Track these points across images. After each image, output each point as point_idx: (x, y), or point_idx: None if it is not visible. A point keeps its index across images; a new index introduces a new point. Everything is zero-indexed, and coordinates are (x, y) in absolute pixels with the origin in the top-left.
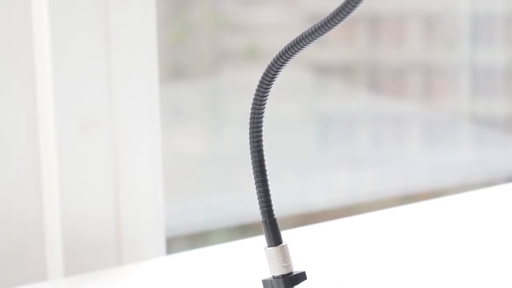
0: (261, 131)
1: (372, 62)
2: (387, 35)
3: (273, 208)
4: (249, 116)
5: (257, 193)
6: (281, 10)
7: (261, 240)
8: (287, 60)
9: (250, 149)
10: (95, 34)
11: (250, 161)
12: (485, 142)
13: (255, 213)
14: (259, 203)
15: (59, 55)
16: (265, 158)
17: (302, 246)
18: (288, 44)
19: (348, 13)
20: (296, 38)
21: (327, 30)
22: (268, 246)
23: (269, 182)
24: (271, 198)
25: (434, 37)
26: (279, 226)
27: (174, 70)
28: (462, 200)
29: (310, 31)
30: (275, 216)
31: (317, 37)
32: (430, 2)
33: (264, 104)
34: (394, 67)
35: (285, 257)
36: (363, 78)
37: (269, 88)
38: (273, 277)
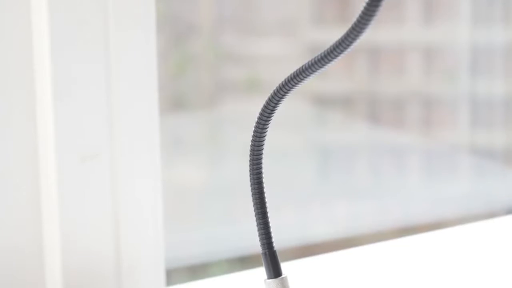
0: (261, 163)
1: (372, 93)
2: (386, 66)
3: (273, 240)
4: (249, 148)
5: (257, 225)
6: (281, 41)
7: (261, 272)
8: (287, 92)
9: (250, 180)
10: (95, 67)
11: (250, 193)
12: (484, 174)
13: (255, 245)
14: (259, 235)
15: (59, 87)
16: (265, 190)
17: (302, 278)
18: (288, 76)
19: (349, 45)
20: (297, 70)
21: (328, 62)
22: (268, 278)
23: (269, 214)
24: (271, 230)
25: (433, 69)
26: (279, 258)
27: (175, 101)
28: (462, 232)
29: (310, 63)
30: (275, 248)
31: (317, 69)
32: (429, 33)
33: (264, 136)
34: (393, 98)
35: None
36: (362, 109)
37: (269, 120)
38: None
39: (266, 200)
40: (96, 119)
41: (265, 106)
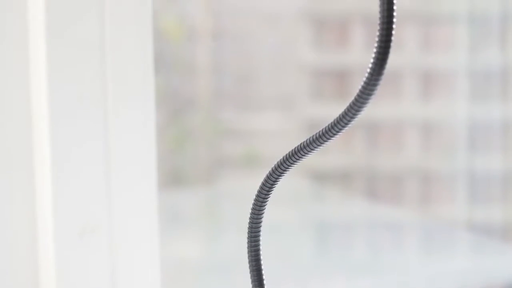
0: (259, 239)
1: (370, 168)
2: (384, 142)
3: None
4: (248, 225)
5: None
6: (279, 116)
7: None
8: (286, 170)
9: (248, 257)
10: (94, 144)
11: (248, 269)
12: (482, 250)
13: None
14: None
15: (58, 162)
16: (262, 266)
17: None
18: (287, 154)
19: (348, 122)
20: (295, 148)
21: (327, 140)
22: None
23: None
24: None
25: (431, 144)
26: None
27: (173, 176)
28: None
29: (309, 140)
30: None
31: (316, 147)
32: (427, 109)
33: (263, 212)
34: (391, 174)
35: None
36: (360, 185)
37: (268, 196)
38: None
39: (264, 277)
40: (94, 194)
41: (263, 183)
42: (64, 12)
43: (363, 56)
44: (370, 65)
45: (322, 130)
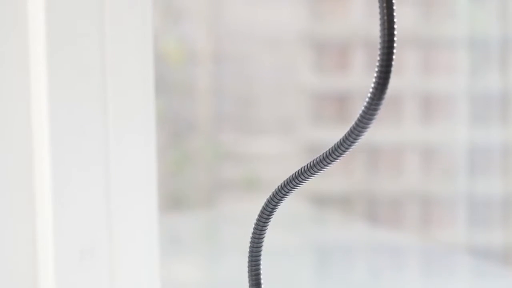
0: (259, 263)
1: (370, 192)
2: (385, 165)
3: None
4: (248, 249)
5: None
6: (279, 140)
7: None
8: (287, 194)
9: (249, 281)
10: (95, 166)
11: None
12: (482, 274)
13: None
14: None
15: (59, 185)
16: None
17: None
18: (287, 178)
19: (349, 146)
20: (296, 172)
21: (328, 164)
22: None
23: None
24: None
25: (431, 168)
26: None
27: (173, 199)
28: None
29: (310, 165)
30: None
31: (317, 171)
32: (427, 133)
33: (263, 236)
34: (391, 198)
35: None
36: (360, 209)
37: (269, 220)
38: None
39: None
40: (94, 216)
41: (264, 207)
42: (65, 36)
43: (363, 80)
44: (370, 90)
45: (323, 154)
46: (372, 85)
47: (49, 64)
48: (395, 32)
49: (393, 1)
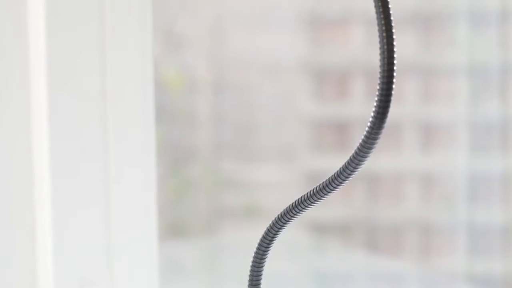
0: None
1: (370, 220)
2: (384, 193)
3: None
4: (248, 277)
5: None
6: (279, 168)
7: None
8: (287, 222)
9: None
10: (95, 195)
11: None
12: None
13: None
14: None
15: (60, 215)
16: None
17: None
18: (288, 207)
19: (350, 175)
20: (296, 201)
21: (328, 193)
22: None
23: None
24: None
25: (431, 196)
26: None
27: (173, 227)
28: None
29: (310, 193)
30: None
31: (317, 200)
32: (427, 161)
33: (263, 264)
34: (391, 226)
35: None
36: (360, 237)
37: (269, 249)
38: None
39: None
40: (94, 245)
41: (264, 235)
42: (66, 65)
43: (363, 108)
44: (370, 119)
45: (323, 183)
46: (372, 114)
47: (49, 96)
48: (395, 62)
49: (393, 30)
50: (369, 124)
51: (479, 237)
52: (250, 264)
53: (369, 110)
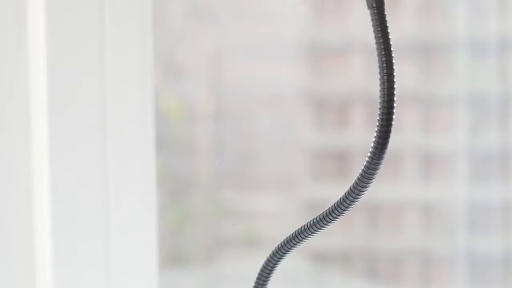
0: None
1: (370, 249)
2: (384, 223)
3: None
4: None
5: None
6: (279, 197)
7: None
8: (287, 252)
9: None
10: (95, 224)
11: None
12: None
13: None
14: None
15: (59, 243)
16: None
17: None
18: (288, 236)
19: (350, 205)
20: (297, 231)
21: (328, 223)
22: None
23: None
24: None
25: (431, 226)
26: None
27: (173, 257)
28: None
29: (310, 223)
30: None
31: (317, 229)
32: (427, 191)
33: None
34: (391, 255)
35: None
36: (360, 266)
37: (269, 278)
38: None
39: None
40: (94, 274)
41: (264, 265)
42: (66, 95)
43: (363, 137)
44: (370, 149)
45: (323, 213)
46: (372, 144)
47: (50, 123)
48: (395, 91)
49: (393, 59)
50: (369, 153)
51: (479, 267)
52: None
53: (369, 140)
